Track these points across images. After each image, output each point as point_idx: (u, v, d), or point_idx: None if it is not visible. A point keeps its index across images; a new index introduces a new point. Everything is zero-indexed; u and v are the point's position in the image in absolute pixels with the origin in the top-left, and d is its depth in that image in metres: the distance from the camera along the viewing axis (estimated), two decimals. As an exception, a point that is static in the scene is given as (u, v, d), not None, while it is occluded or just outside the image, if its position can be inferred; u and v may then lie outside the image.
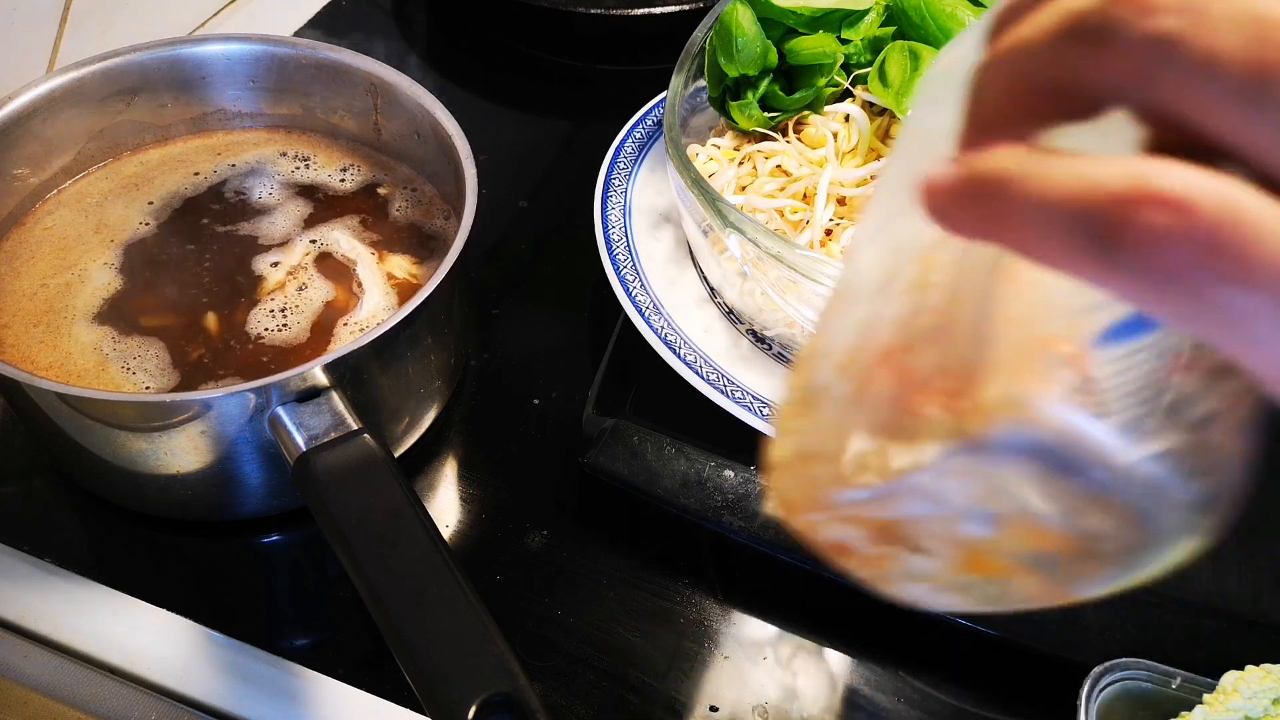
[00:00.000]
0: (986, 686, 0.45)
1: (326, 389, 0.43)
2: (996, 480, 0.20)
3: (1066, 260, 0.16)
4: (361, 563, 0.39)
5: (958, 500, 0.21)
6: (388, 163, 0.58)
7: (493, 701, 0.35)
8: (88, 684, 0.44)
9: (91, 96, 0.55)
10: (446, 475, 0.53)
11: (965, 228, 0.17)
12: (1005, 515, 0.21)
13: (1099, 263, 0.16)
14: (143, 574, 0.48)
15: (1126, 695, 0.41)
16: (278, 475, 0.46)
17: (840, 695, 0.45)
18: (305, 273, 0.52)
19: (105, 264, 0.52)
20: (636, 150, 0.62)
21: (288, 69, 0.57)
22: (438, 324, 0.49)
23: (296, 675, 0.45)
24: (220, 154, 0.58)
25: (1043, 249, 0.16)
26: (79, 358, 0.48)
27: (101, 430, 0.44)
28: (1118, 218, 0.15)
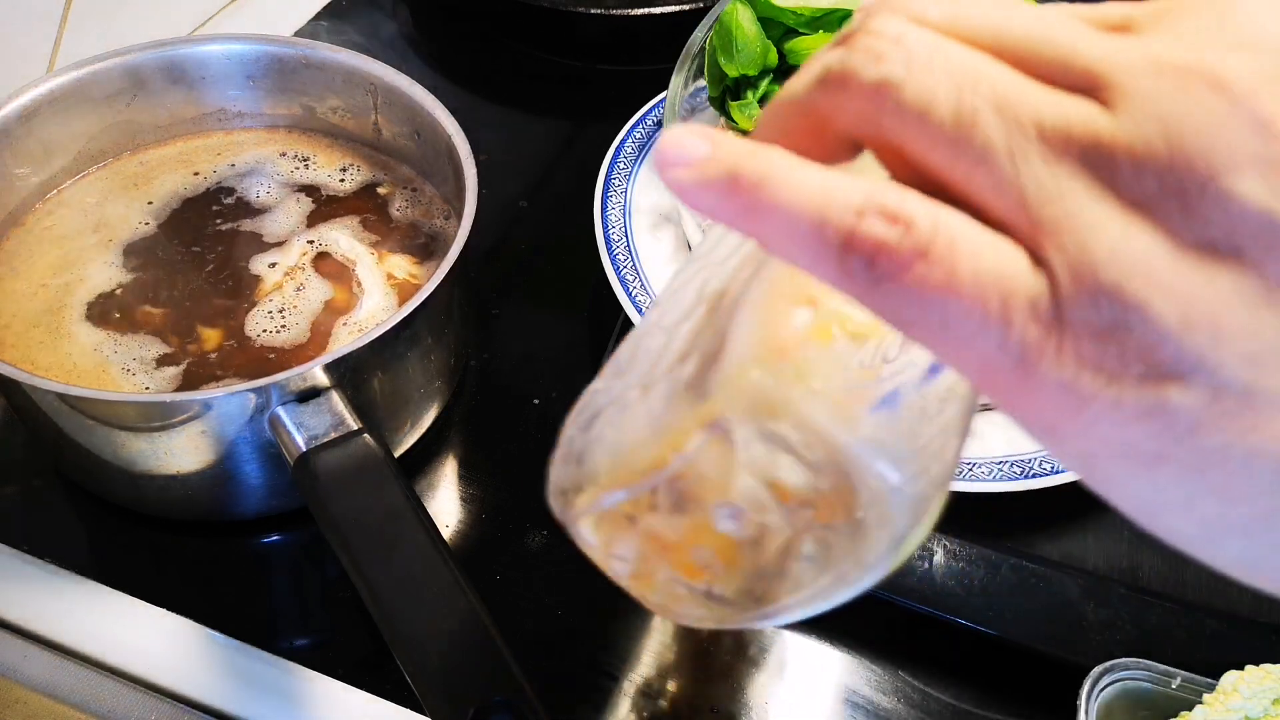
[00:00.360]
0: (987, 686, 0.45)
1: (326, 389, 0.43)
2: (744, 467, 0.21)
3: (804, 257, 0.18)
4: (361, 563, 0.39)
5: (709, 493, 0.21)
6: (387, 163, 0.58)
7: (493, 703, 0.35)
8: (87, 684, 0.44)
9: (91, 96, 0.55)
10: (446, 475, 0.53)
11: (709, 209, 0.19)
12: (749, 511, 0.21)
13: (830, 263, 0.18)
14: (143, 574, 0.48)
15: (1126, 695, 0.41)
16: (278, 475, 0.46)
17: (840, 695, 0.45)
18: (304, 273, 0.52)
19: (105, 264, 0.52)
20: (637, 150, 0.62)
21: (287, 69, 0.57)
22: (438, 324, 0.49)
23: (296, 675, 0.45)
24: (220, 154, 0.58)
25: (785, 246, 0.18)
26: (79, 358, 0.48)
27: (101, 430, 0.44)
28: (848, 224, 0.17)
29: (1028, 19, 0.18)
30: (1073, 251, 0.17)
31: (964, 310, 0.17)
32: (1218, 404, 0.16)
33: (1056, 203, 0.17)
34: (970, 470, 0.50)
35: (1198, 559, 0.19)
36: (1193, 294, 0.16)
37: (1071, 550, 0.50)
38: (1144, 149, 0.17)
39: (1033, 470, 0.50)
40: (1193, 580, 0.50)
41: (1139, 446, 0.17)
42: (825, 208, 0.18)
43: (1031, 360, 0.17)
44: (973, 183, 0.18)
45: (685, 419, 0.21)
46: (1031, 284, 0.17)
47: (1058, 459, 0.19)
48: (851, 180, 0.18)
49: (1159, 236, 0.17)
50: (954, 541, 0.46)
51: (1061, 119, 0.17)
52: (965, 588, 0.45)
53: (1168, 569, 0.50)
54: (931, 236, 0.17)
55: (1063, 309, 0.17)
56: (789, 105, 0.20)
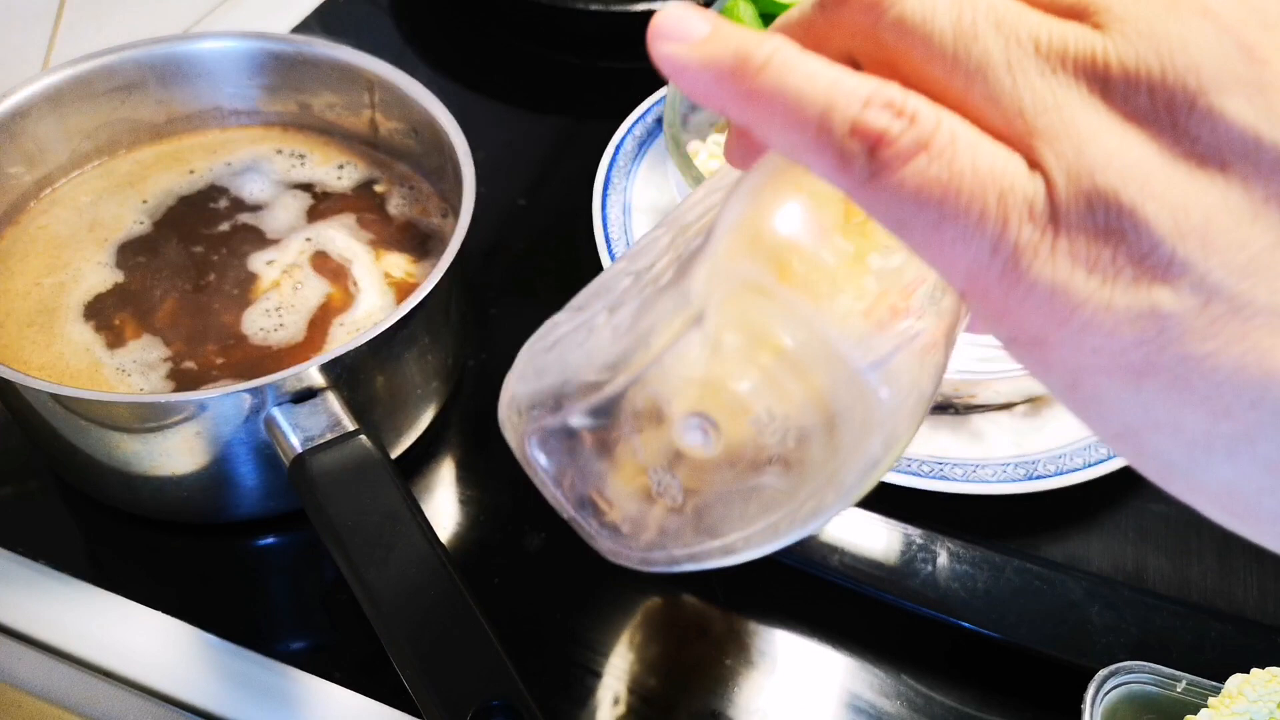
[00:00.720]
0: (990, 690, 0.45)
1: (323, 389, 0.43)
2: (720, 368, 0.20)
3: (803, 147, 0.18)
4: (358, 565, 0.38)
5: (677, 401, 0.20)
6: (385, 160, 0.57)
7: (490, 706, 0.35)
8: (82, 687, 0.44)
9: (86, 94, 0.54)
10: (444, 477, 0.53)
11: (705, 92, 0.19)
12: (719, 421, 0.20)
13: (830, 153, 0.18)
14: (138, 576, 0.48)
15: (1131, 699, 0.41)
16: (273, 477, 0.46)
17: (843, 699, 0.45)
18: (301, 271, 0.52)
19: (100, 263, 0.52)
20: (636, 148, 0.62)
21: (284, 66, 0.56)
22: (435, 323, 0.48)
23: (292, 679, 0.44)
24: (215, 152, 0.57)
25: (784, 134, 0.18)
26: (73, 358, 0.48)
27: (96, 431, 0.44)
28: (853, 112, 0.18)
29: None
30: (1071, 156, 0.17)
31: (961, 207, 0.17)
32: (1206, 311, 0.17)
33: (1054, 111, 0.17)
34: (974, 472, 0.49)
35: (1181, 494, 0.19)
36: (1185, 202, 0.17)
37: (1076, 552, 0.50)
38: (1136, 66, 0.17)
39: (1036, 472, 0.49)
40: (1198, 583, 0.49)
41: (1127, 355, 0.17)
42: (832, 95, 0.18)
43: (1025, 261, 0.17)
44: (970, 95, 0.18)
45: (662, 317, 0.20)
46: (1028, 185, 0.17)
47: (1042, 380, 0.19)
48: (859, 75, 0.18)
49: (1153, 147, 0.17)
50: (957, 544, 0.46)
51: (1058, 36, 0.18)
52: (969, 590, 0.45)
53: (1173, 571, 0.49)
54: (934, 129, 0.17)
55: (1058, 211, 0.17)
56: (786, 28, 0.21)
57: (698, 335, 0.20)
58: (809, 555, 0.46)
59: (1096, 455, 0.50)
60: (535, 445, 0.23)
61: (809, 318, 0.19)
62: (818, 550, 0.46)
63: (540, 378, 0.22)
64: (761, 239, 0.19)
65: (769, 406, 0.20)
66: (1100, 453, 0.50)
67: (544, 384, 0.22)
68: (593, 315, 0.21)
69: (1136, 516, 0.51)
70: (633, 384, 0.20)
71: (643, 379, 0.20)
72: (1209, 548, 0.50)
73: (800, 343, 0.19)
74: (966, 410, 0.52)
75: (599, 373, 0.21)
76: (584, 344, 0.21)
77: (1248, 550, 0.50)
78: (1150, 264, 0.17)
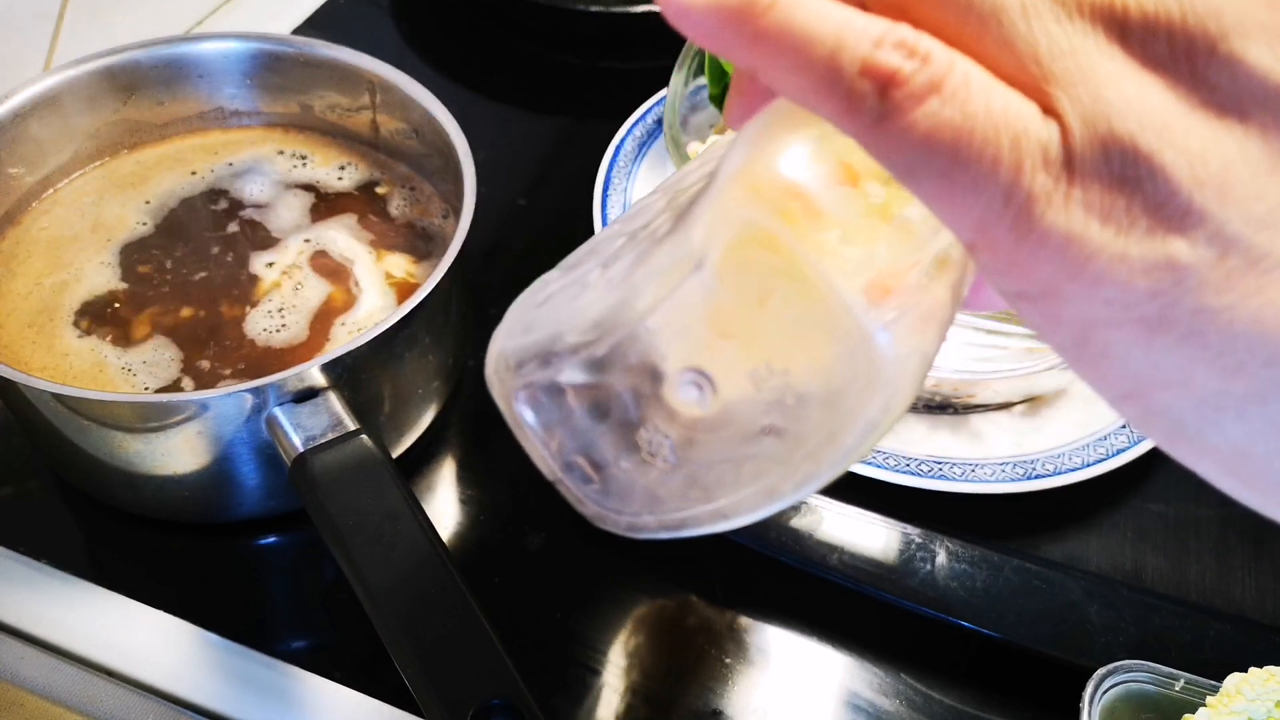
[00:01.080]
0: (989, 689, 0.45)
1: (324, 389, 0.43)
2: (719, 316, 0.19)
3: (812, 88, 0.17)
4: (359, 564, 0.38)
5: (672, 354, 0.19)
6: (385, 161, 0.57)
7: (491, 705, 0.35)
8: (84, 686, 0.44)
9: (88, 95, 0.54)
10: (445, 476, 0.53)
11: (710, 35, 0.18)
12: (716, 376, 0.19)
13: (839, 94, 0.17)
14: (139, 576, 0.48)
15: (1130, 697, 0.41)
16: (275, 476, 0.46)
17: (842, 698, 0.45)
18: (302, 272, 0.52)
19: (102, 264, 0.52)
20: (636, 148, 0.62)
21: (285, 67, 0.56)
22: (436, 324, 0.49)
23: (293, 678, 0.45)
24: (217, 153, 0.57)
25: (793, 76, 0.18)
26: (74, 358, 0.48)
27: (97, 431, 0.44)
28: (864, 51, 0.17)
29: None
30: (1087, 102, 0.17)
31: (974, 152, 0.17)
32: (1223, 263, 0.16)
33: (1070, 56, 0.17)
34: (973, 472, 0.49)
35: (1187, 458, 0.18)
36: (1204, 150, 0.16)
37: (1074, 552, 0.50)
38: (1155, 10, 0.17)
39: (1035, 472, 0.49)
40: (1196, 582, 0.49)
41: (1141, 308, 0.17)
42: (842, 34, 0.17)
43: (1038, 210, 0.17)
44: (984, 40, 0.17)
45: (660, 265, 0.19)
46: (1043, 130, 0.17)
47: (1049, 337, 0.18)
48: (869, 15, 0.18)
49: (1170, 94, 0.17)
50: (956, 543, 0.46)
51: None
52: (968, 589, 0.45)
53: (1171, 571, 0.49)
54: (947, 71, 0.17)
55: (1074, 157, 0.17)
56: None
57: (696, 284, 0.19)
58: (808, 554, 0.46)
59: (1095, 455, 0.50)
60: (523, 403, 0.22)
61: (816, 268, 0.18)
62: (816, 549, 0.46)
63: (529, 333, 0.21)
64: (768, 183, 0.19)
65: (768, 361, 0.20)
66: (1098, 452, 0.51)
67: (533, 339, 0.21)
68: (585, 272, 0.21)
69: (1135, 516, 0.51)
70: (626, 338, 0.20)
71: (636, 333, 0.20)
72: (1207, 547, 0.50)
73: (805, 294, 0.19)
74: (965, 410, 0.52)
75: (591, 327, 0.20)
76: (576, 299, 0.20)
77: (1246, 550, 0.51)
78: (1167, 213, 0.16)
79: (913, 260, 0.19)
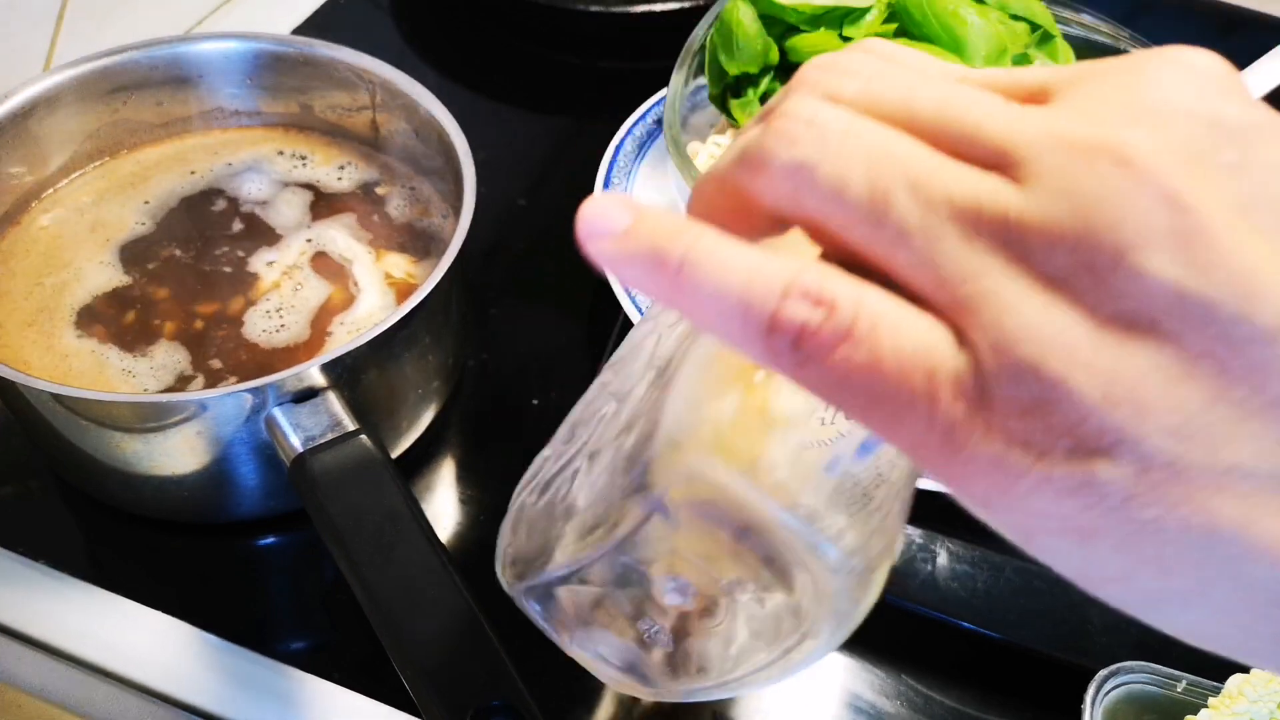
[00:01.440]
0: (991, 690, 0.45)
1: (323, 389, 0.43)
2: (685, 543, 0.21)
3: (731, 336, 0.18)
4: (358, 565, 0.38)
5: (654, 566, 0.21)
6: (385, 161, 0.57)
7: (490, 706, 0.35)
8: (82, 687, 0.44)
9: (88, 95, 0.54)
10: (445, 477, 0.53)
11: (635, 283, 0.19)
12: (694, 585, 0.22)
13: (756, 343, 0.18)
14: (138, 576, 0.48)
15: (1131, 699, 0.41)
16: (274, 476, 0.46)
17: (843, 699, 0.45)
18: (301, 272, 0.52)
19: (101, 264, 0.52)
20: (636, 148, 0.62)
21: (285, 67, 0.56)
22: (436, 324, 0.49)
23: (293, 679, 0.44)
24: (217, 153, 0.57)
25: (712, 324, 0.18)
26: (74, 358, 0.48)
27: (97, 431, 0.44)
28: (772, 306, 0.18)
29: (939, 94, 0.19)
30: (992, 330, 0.17)
31: (889, 389, 0.17)
32: (1145, 477, 0.17)
33: (972, 282, 0.17)
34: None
35: (1155, 626, 0.19)
36: (1113, 369, 0.16)
37: (1075, 552, 0.50)
38: (1054, 226, 0.17)
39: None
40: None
41: (1073, 520, 0.17)
42: (749, 289, 0.18)
43: (960, 436, 0.17)
44: (894, 261, 0.18)
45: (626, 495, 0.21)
46: (955, 361, 0.17)
47: (999, 530, 0.19)
48: (776, 260, 0.18)
49: (1076, 312, 0.17)
50: (957, 544, 0.46)
51: (972, 197, 0.17)
52: (969, 590, 0.45)
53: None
54: (854, 317, 0.17)
55: (987, 386, 0.17)
56: (714, 183, 0.20)
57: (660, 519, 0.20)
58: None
59: (1096, 455, 0.50)
60: (528, 598, 0.24)
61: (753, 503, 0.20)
62: (818, 550, 0.46)
63: (529, 535, 0.23)
64: (701, 436, 0.20)
65: (734, 575, 0.21)
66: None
67: (532, 543, 0.23)
68: (575, 457, 0.22)
69: (1136, 517, 0.51)
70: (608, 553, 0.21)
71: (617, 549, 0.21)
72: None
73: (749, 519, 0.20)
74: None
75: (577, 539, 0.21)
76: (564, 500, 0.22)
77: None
78: (1082, 434, 0.16)
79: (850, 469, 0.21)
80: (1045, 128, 0.17)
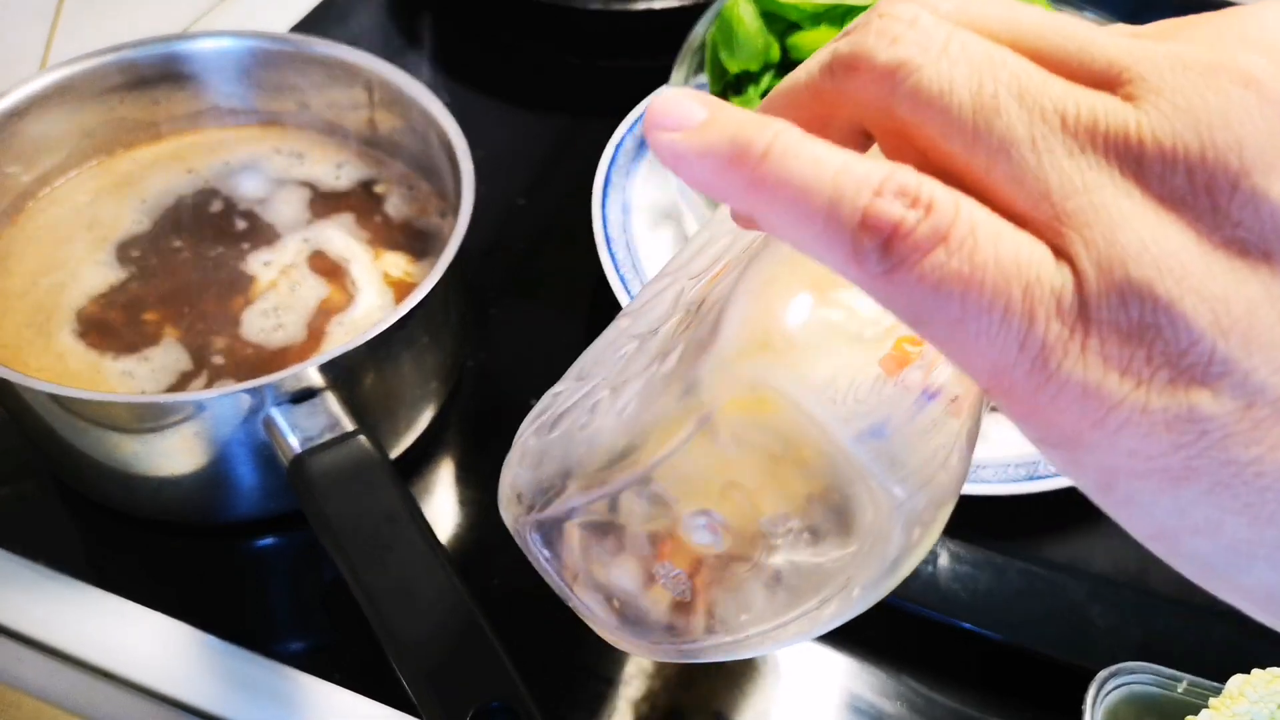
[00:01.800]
0: (991, 691, 0.45)
1: (321, 390, 0.43)
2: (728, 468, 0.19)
3: (812, 239, 0.17)
4: (357, 566, 0.38)
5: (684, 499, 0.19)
6: (383, 159, 0.57)
7: (490, 707, 0.35)
8: (81, 688, 0.44)
9: (84, 93, 0.54)
10: (443, 477, 0.53)
11: (706, 181, 0.18)
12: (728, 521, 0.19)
13: (842, 246, 0.17)
14: (136, 577, 0.48)
15: (1132, 699, 0.41)
16: (272, 477, 0.46)
17: (843, 700, 0.45)
18: (299, 271, 0.52)
19: (98, 263, 0.52)
20: (636, 147, 0.62)
21: (282, 65, 0.56)
22: (434, 323, 0.48)
23: (291, 679, 0.44)
24: (214, 151, 0.57)
25: (792, 226, 0.17)
26: (71, 358, 0.48)
27: (94, 432, 0.44)
28: (865, 202, 0.16)
29: (1043, 15, 0.18)
30: (1101, 246, 0.16)
31: (984, 303, 0.16)
32: (1250, 413, 0.16)
33: (1083, 195, 0.16)
34: (976, 473, 0.49)
35: (1219, 593, 0.18)
36: (1226, 296, 0.16)
37: (1078, 553, 0.50)
38: (1173, 144, 0.16)
39: (1039, 473, 0.49)
40: (1199, 582, 0.49)
41: (1165, 459, 0.16)
42: (840, 184, 0.17)
43: (1054, 360, 0.16)
44: (992, 174, 0.17)
45: (666, 413, 0.19)
46: (1056, 278, 0.16)
47: (1073, 479, 0.18)
48: (868, 159, 0.17)
49: (1190, 234, 0.16)
50: (959, 544, 0.46)
51: (1088, 111, 0.16)
52: (970, 591, 0.45)
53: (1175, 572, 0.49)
54: (953, 220, 0.16)
55: (1089, 306, 0.16)
56: (791, 94, 0.19)
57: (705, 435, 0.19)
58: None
59: (1097, 455, 0.50)
60: (536, 536, 0.22)
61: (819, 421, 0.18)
62: (818, 551, 0.46)
63: (541, 465, 0.21)
64: (769, 340, 0.19)
65: (781, 509, 0.20)
66: (1101, 453, 0.50)
67: (545, 472, 0.21)
68: (594, 390, 0.21)
69: (1138, 516, 0.51)
70: (638, 480, 0.20)
71: (648, 475, 0.20)
72: (1210, 548, 0.50)
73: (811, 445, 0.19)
74: (967, 410, 0.52)
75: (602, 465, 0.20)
76: (586, 428, 0.20)
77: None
78: (1189, 363, 0.16)
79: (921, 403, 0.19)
80: (1162, 49, 0.17)
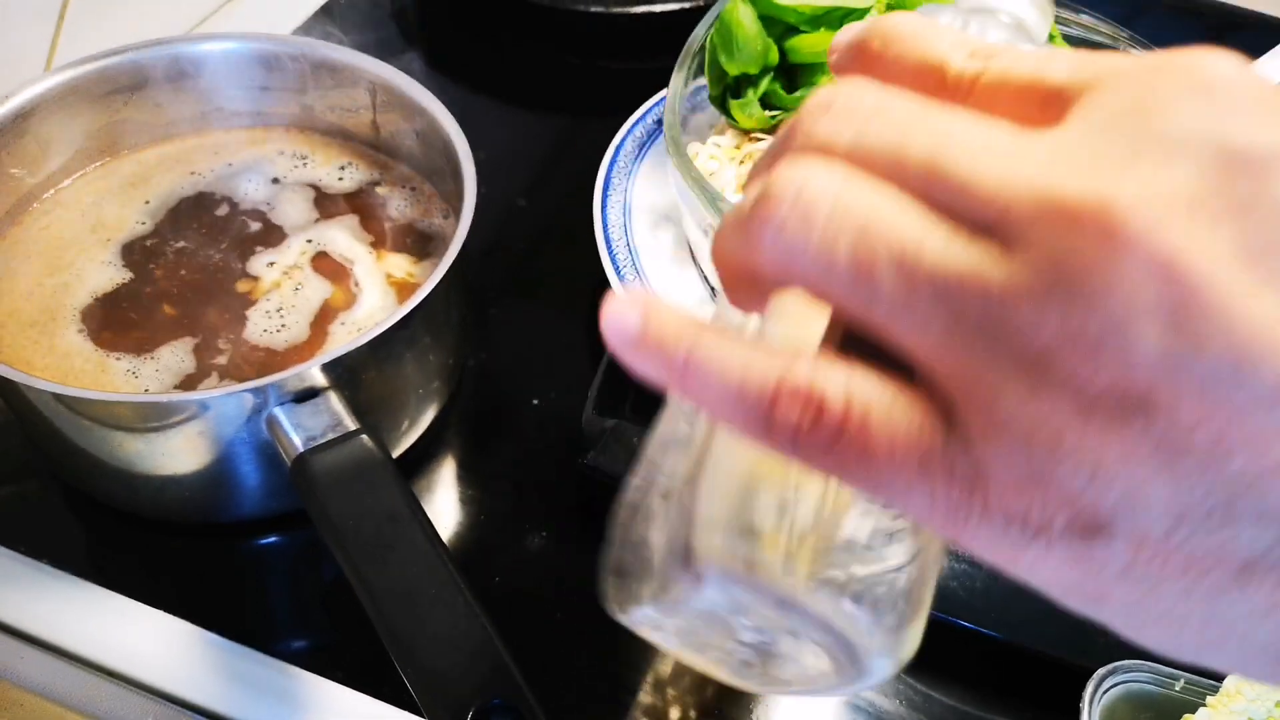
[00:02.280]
0: (989, 689, 0.45)
1: (324, 389, 0.43)
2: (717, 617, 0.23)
3: (738, 427, 0.19)
4: (359, 565, 0.38)
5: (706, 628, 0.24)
6: (386, 161, 0.57)
7: (491, 705, 0.35)
8: (84, 686, 0.44)
9: (89, 95, 0.54)
10: (445, 476, 0.53)
11: (652, 377, 0.20)
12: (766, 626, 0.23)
13: (760, 433, 0.19)
14: (140, 576, 0.48)
15: (1130, 697, 0.41)
16: (275, 476, 0.46)
17: (842, 698, 0.45)
18: (302, 272, 0.52)
19: (103, 264, 0.52)
20: (637, 149, 0.62)
21: (286, 67, 0.56)
22: (436, 323, 0.49)
23: (294, 678, 0.45)
24: (217, 153, 0.57)
25: (721, 415, 0.19)
26: (75, 358, 0.48)
27: (98, 431, 0.44)
28: (765, 407, 0.18)
29: (932, 141, 0.18)
30: (981, 412, 0.17)
31: (887, 479, 0.18)
32: (1143, 551, 0.17)
33: (963, 363, 0.17)
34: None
35: None
36: (1100, 449, 0.16)
37: (1074, 551, 0.50)
38: (1039, 301, 0.16)
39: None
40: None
41: (1080, 586, 0.18)
42: (745, 389, 0.19)
43: (960, 516, 0.18)
44: (890, 330, 0.18)
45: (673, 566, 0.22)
46: (947, 446, 0.18)
47: None
48: (765, 357, 0.19)
49: (1063, 391, 0.16)
50: (956, 543, 0.46)
51: (954, 274, 0.17)
52: (968, 589, 0.45)
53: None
54: (844, 415, 0.18)
55: (980, 467, 0.17)
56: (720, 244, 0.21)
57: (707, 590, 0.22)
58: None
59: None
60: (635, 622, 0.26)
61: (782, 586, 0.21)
62: (817, 550, 0.46)
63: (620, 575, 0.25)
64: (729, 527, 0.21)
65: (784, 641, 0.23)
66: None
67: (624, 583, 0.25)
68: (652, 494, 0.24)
69: (1135, 516, 0.51)
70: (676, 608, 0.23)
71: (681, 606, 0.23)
72: (1208, 547, 0.50)
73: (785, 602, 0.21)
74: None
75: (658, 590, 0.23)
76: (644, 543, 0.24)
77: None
78: (1077, 511, 0.17)
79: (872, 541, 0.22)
80: (1035, 186, 0.17)
